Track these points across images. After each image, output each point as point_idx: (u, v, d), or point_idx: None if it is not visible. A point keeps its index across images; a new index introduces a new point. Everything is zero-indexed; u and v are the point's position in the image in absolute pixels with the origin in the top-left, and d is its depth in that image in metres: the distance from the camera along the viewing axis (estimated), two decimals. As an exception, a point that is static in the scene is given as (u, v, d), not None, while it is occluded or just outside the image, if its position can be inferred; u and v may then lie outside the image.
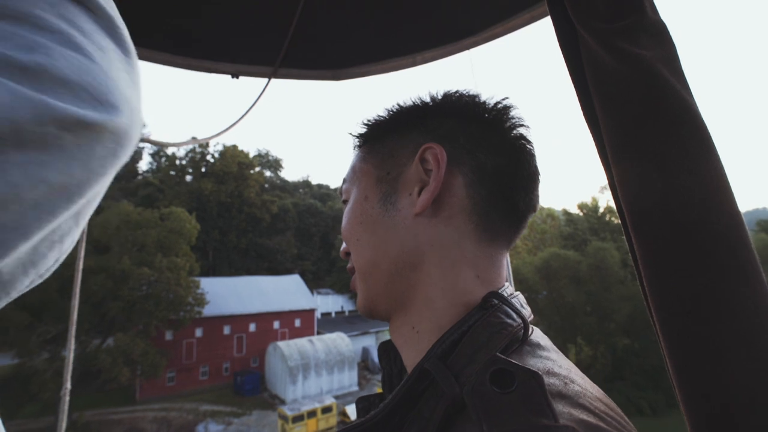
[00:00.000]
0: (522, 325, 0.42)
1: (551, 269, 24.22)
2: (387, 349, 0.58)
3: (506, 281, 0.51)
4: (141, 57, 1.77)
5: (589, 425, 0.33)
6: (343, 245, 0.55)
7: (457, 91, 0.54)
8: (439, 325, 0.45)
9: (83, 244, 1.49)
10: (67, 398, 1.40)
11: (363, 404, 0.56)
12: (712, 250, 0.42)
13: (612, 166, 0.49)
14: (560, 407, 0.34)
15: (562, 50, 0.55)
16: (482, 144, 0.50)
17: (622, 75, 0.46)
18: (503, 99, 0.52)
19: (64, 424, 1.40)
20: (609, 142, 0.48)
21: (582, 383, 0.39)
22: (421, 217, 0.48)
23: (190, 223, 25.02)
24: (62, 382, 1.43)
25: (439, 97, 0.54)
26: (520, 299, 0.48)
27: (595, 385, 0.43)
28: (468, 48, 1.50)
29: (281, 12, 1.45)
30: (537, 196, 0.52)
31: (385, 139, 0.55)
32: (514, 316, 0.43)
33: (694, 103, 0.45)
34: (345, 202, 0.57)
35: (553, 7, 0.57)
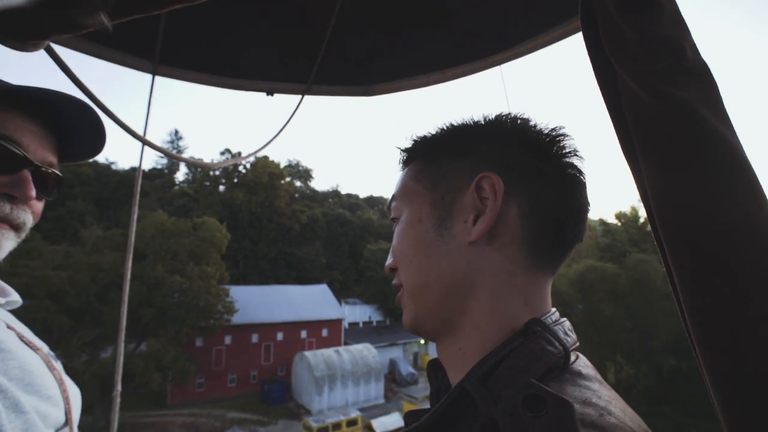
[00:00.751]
0: (563, 352, 0.43)
1: (587, 282, 23.04)
2: (435, 366, 0.58)
3: (552, 307, 0.52)
4: (185, 78, 1.61)
5: None
6: (390, 260, 0.56)
7: (510, 115, 0.54)
8: (485, 349, 0.46)
9: (131, 252, 1.53)
10: (118, 399, 1.46)
11: (411, 419, 0.56)
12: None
13: (653, 207, 0.46)
14: None
15: (597, 80, 0.53)
16: (537, 174, 0.50)
17: (662, 115, 0.44)
18: (558, 128, 0.52)
19: (116, 424, 1.46)
20: (649, 182, 0.46)
21: (620, 416, 0.39)
22: (475, 245, 0.49)
23: (221, 232, 25.63)
24: (108, 384, 1.70)
25: (493, 119, 0.54)
26: (565, 326, 0.49)
27: (638, 417, 0.43)
28: (498, 64, 1.48)
29: (313, 31, 1.48)
30: (585, 227, 0.53)
31: (439, 160, 0.54)
32: (556, 343, 0.44)
33: (740, 145, 0.43)
34: (394, 219, 0.57)
35: (589, 38, 0.53)
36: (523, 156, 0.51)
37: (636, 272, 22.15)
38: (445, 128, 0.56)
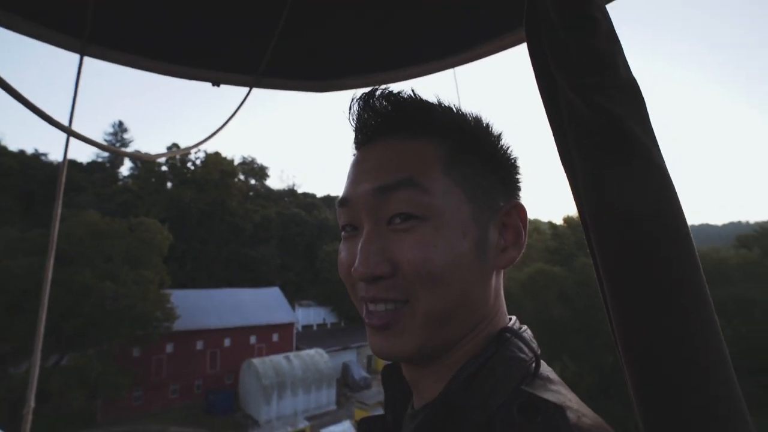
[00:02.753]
0: (534, 358, 0.45)
1: (537, 285, 23.55)
2: (389, 372, 0.58)
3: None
4: (118, 61, 1.43)
5: None
6: (381, 267, 0.44)
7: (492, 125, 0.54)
8: (462, 359, 0.46)
9: (52, 255, 1.38)
10: (30, 417, 1.28)
11: (366, 426, 0.56)
12: (662, 261, 0.44)
13: (583, 199, 0.51)
14: None
15: (539, 87, 0.57)
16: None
17: (596, 126, 0.48)
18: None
19: None
20: (581, 180, 0.51)
21: (592, 416, 0.41)
22: (499, 272, 0.50)
23: (161, 233, 23.86)
24: (20, 404, 1.28)
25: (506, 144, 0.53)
26: (528, 333, 0.50)
27: (598, 417, 0.44)
28: (451, 66, 1.47)
29: (264, 21, 1.41)
30: None
31: (474, 163, 0.49)
32: (526, 350, 0.45)
33: (662, 159, 0.48)
34: (404, 216, 0.45)
35: (532, 49, 0.58)
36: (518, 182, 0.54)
37: (582, 275, 22.93)
38: (476, 116, 0.52)
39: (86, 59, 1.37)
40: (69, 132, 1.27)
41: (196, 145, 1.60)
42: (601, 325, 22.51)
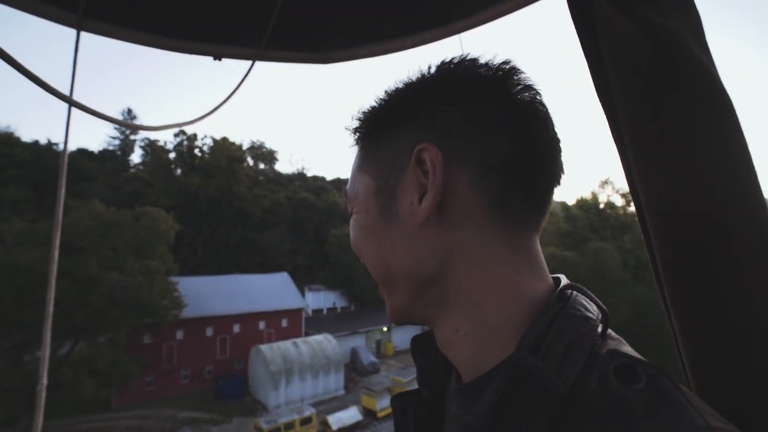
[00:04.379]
0: (601, 316, 0.40)
1: (549, 270, 22.93)
2: (420, 343, 0.55)
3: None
4: (116, 36, 1.41)
5: (728, 429, 0.30)
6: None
7: (450, 63, 0.46)
8: (491, 326, 0.42)
9: (57, 247, 1.40)
10: (44, 394, 1.31)
11: (400, 402, 0.54)
12: (737, 243, 0.41)
13: (629, 150, 0.46)
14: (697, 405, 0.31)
15: (574, 21, 0.51)
16: (485, 127, 0.43)
17: (645, 45, 0.42)
18: (504, 63, 0.45)
19: (40, 421, 1.33)
20: (627, 120, 0.45)
21: None
22: (429, 226, 0.44)
23: (166, 222, 23.84)
24: (35, 381, 1.34)
25: (433, 75, 0.46)
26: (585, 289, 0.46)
27: None
28: (459, 32, 1.43)
29: None
30: (560, 165, 0.46)
31: (379, 139, 0.49)
32: (592, 306, 0.41)
33: (719, 77, 0.42)
34: (352, 214, 0.52)
35: None
36: (467, 109, 0.44)
37: (594, 261, 22.24)
38: (387, 95, 0.49)
39: (85, 35, 1.35)
40: (70, 102, 1.26)
41: (200, 119, 1.56)
42: (612, 309, 21.71)
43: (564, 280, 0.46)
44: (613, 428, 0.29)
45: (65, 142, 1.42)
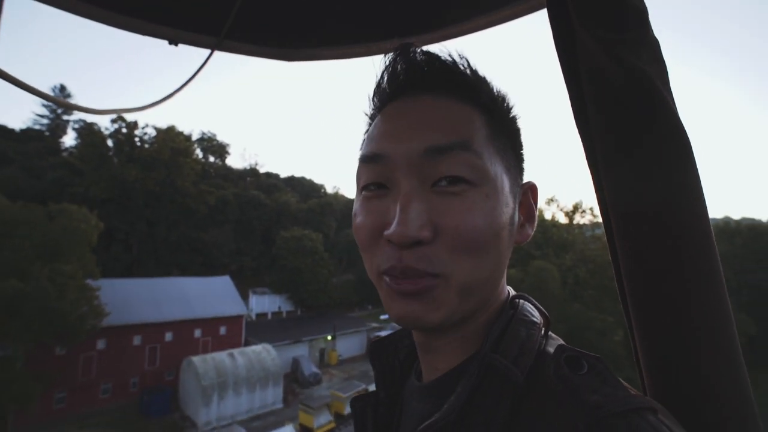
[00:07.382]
0: (543, 321, 0.48)
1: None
2: (378, 348, 0.59)
3: None
4: (66, 8, 1.29)
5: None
6: (424, 230, 0.41)
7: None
8: (470, 331, 0.47)
9: None
10: None
11: (359, 404, 0.57)
12: (689, 253, 0.47)
13: (602, 168, 0.52)
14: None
15: (557, 49, 0.56)
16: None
17: (622, 85, 0.48)
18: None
19: None
20: (601, 145, 0.51)
21: None
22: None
23: (87, 222, 21.48)
24: None
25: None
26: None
27: None
28: (441, 40, 1.38)
29: None
30: None
31: (515, 144, 0.51)
32: (536, 312, 0.48)
33: (681, 122, 0.49)
34: (453, 180, 0.42)
35: (552, 8, 0.57)
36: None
37: (537, 279, 22.66)
38: (503, 94, 0.50)
39: (24, 2, 1.22)
40: None
41: (149, 106, 1.42)
42: (554, 326, 22.39)
43: (512, 291, 0.52)
44: (569, 403, 0.36)
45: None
